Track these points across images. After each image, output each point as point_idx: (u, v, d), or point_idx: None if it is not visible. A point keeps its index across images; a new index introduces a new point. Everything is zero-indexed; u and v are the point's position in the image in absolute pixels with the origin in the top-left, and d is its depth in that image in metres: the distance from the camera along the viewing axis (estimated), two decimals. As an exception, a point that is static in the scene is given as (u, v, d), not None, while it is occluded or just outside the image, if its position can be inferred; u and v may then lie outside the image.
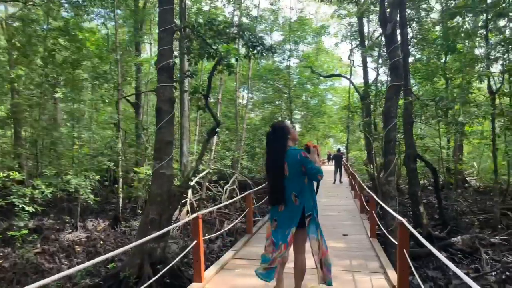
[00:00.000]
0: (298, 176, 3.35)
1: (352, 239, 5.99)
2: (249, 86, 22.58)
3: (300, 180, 3.35)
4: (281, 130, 3.47)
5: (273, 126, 3.56)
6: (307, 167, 3.28)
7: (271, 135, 3.50)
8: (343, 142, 36.02)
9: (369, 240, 5.76)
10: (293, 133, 3.53)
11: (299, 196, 3.36)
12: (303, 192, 3.37)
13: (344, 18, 25.51)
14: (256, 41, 8.16)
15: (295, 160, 3.32)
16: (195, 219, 3.90)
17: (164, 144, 7.86)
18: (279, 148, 3.41)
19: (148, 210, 8.01)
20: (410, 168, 11.12)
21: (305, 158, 3.31)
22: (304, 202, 3.37)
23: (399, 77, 8.00)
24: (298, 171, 3.33)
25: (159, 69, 7.96)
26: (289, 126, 3.54)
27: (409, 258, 3.43)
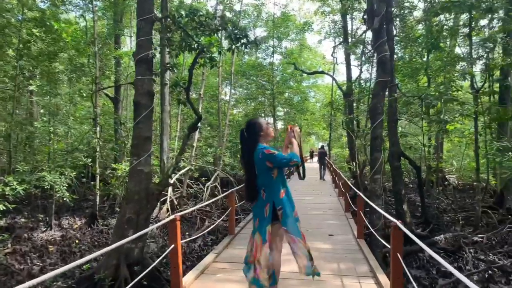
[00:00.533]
0: (265, 172, 3.31)
1: (339, 240, 5.76)
2: (232, 81, 22.19)
3: (268, 175, 3.31)
4: (253, 127, 3.41)
5: (247, 123, 3.50)
6: (274, 162, 3.23)
7: (245, 132, 3.45)
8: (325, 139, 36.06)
9: (356, 241, 5.54)
10: (267, 130, 3.45)
11: (266, 191, 3.33)
12: (270, 187, 3.32)
13: (328, 15, 25.39)
14: (240, 33, 7.84)
15: (258, 158, 3.30)
16: (173, 221, 3.57)
17: (142, 140, 7.48)
18: (250, 145, 3.37)
19: (124, 208, 7.62)
20: (394, 166, 11.00)
21: (268, 155, 3.24)
22: (272, 197, 3.32)
23: (386, 72, 7.82)
24: (265, 168, 3.29)
25: (137, 60, 7.56)
26: (262, 123, 3.45)
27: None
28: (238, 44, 8.16)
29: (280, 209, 3.30)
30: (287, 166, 3.29)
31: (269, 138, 3.48)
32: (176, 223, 3.56)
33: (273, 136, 3.54)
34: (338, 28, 24.35)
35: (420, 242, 3.06)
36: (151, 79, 7.69)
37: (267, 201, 3.32)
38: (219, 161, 18.73)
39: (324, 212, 8.40)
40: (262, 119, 3.56)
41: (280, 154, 3.25)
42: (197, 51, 7.07)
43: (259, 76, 25.05)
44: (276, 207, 3.31)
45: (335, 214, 8.15)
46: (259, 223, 3.37)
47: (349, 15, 21.98)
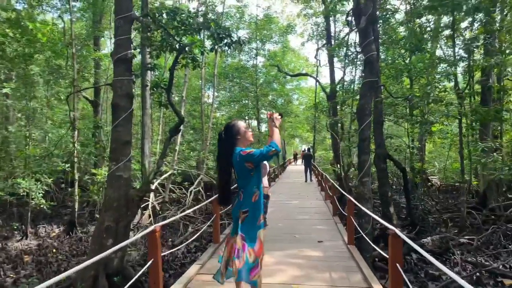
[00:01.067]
0: (246, 174, 3.17)
1: (329, 247, 5.53)
2: (215, 84, 21.86)
3: (247, 176, 3.18)
4: (231, 130, 3.28)
5: (225, 125, 3.37)
6: (254, 160, 3.09)
7: (222, 134, 3.32)
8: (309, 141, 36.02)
9: (347, 248, 5.31)
10: (245, 134, 3.31)
11: (244, 192, 3.21)
12: (247, 187, 3.19)
13: (311, 18, 25.33)
14: (223, 33, 7.57)
15: (236, 162, 3.17)
16: (152, 233, 3.25)
17: (121, 144, 7.12)
18: (227, 148, 3.26)
19: (103, 216, 7.25)
20: (380, 168, 10.87)
21: (245, 156, 3.10)
22: (245, 197, 3.19)
23: (374, 73, 7.67)
24: (245, 170, 3.15)
25: (115, 60, 7.22)
26: (240, 126, 3.30)
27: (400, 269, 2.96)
28: (221, 44, 7.91)
29: (246, 211, 3.15)
30: (268, 159, 3.15)
31: (248, 142, 3.35)
32: (155, 234, 3.25)
33: (252, 140, 3.39)
34: (321, 31, 24.31)
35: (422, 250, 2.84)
36: (131, 80, 7.35)
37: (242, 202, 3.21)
38: (202, 165, 18.37)
39: (311, 217, 8.18)
40: (241, 122, 3.41)
41: (257, 150, 3.11)
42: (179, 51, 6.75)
43: (242, 78, 24.79)
44: (242, 209, 3.17)
45: (323, 218, 7.93)
46: (233, 225, 3.26)
47: (332, 17, 21.93)
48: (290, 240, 6.04)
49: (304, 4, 23.47)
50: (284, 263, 4.76)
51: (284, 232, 6.63)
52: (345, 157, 18.58)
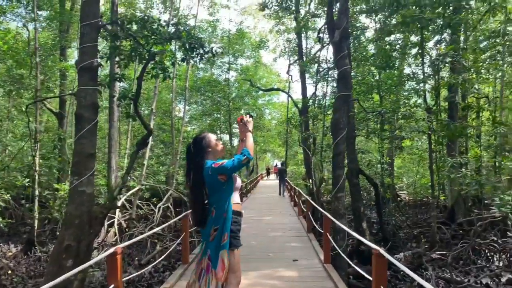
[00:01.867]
0: (218, 188, 2.96)
1: (304, 266, 5.28)
2: (187, 97, 21.50)
3: (219, 190, 2.96)
4: (200, 143, 3.09)
5: (194, 138, 3.21)
6: (227, 171, 2.88)
7: (191, 148, 3.12)
8: (281, 156, 36.00)
9: (324, 267, 5.08)
10: (216, 146, 3.11)
11: (216, 208, 2.96)
12: (219, 202, 2.95)
13: (283, 34, 25.59)
14: (195, 43, 7.34)
15: (208, 176, 2.94)
16: (112, 256, 2.90)
17: (84, 157, 6.68)
18: (197, 163, 3.03)
19: (63, 235, 6.73)
20: (352, 183, 10.81)
21: (217, 169, 2.90)
22: (221, 213, 2.93)
23: (348, 87, 7.62)
24: (218, 184, 2.94)
25: (80, 69, 6.83)
26: (211, 138, 3.11)
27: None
28: (193, 55, 7.67)
29: (217, 229, 2.90)
30: (241, 168, 2.93)
31: (218, 155, 3.14)
32: (116, 257, 2.89)
33: (223, 153, 3.19)
34: (293, 47, 24.54)
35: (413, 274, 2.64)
36: (96, 90, 6.97)
37: (214, 219, 2.95)
38: (172, 180, 17.85)
39: (285, 234, 7.92)
40: (211, 134, 3.20)
41: (229, 161, 2.89)
42: (147, 60, 6.44)
43: (214, 92, 24.56)
44: (215, 225, 2.91)
45: (297, 235, 7.69)
46: (205, 246, 2.98)
47: (304, 33, 22.19)
48: (264, 259, 5.76)
49: (276, 20, 23.65)
50: (259, 284, 4.48)
51: (257, 250, 6.35)
52: (317, 172, 18.58)
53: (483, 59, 13.10)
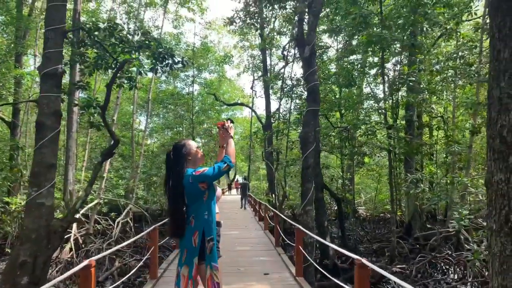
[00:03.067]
0: (198, 197, 2.89)
1: (276, 279, 5.21)
2: (149, 109, 21.10)
3: (200, 200, 2.89)
4: (180, 150, 3.01)
5: (174, 145, 3.10)
6: (208, 179, 2.83)
7: (171, 155, 3.05)
8: (243, 171, 35.95)
9: (296, 280, 5.05)
10: (196, 154, 3.05)
11: (195, 218, 2.89)
12: (200, 212, 2.88)
13: (247, 50, 25.89)
14: (165, 53, 7.24)
15: (188, 184, 2.88)
16: (86, 269, 2.72)
17: (44, 168, 6.36)
18: (176, 171, 2.95)
19: (18, 250, 6.30)
20: (317, 197, 10.93)
21: (198, 176, 2.84)
22: (202, 223, 2.86)
23: (316, 101, 7.78)
24: (198, 193, 2.87)
25: (43, 75, 6.54)
26: (190, 146, 3.04)
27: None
28: (162, 65, 7.56)
29: (211, 239, 2.83)
30: (222, 175, 2.89)
31: (199, 163, 3.08)
32: (90, 271, 2.71)
33: (203, 161, 3.13)
34: (257, 63, 24.84)
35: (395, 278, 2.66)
36: (59, 97, 6.69)
37: (196, 228, 2.86)
38: (131, 194, 17.28)
39: (253, 248, 7.83)
40: (191, 141, 3.13)
41: (210, 169, 2.85)
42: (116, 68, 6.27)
43: (178, 105, 24.29)
44: (206, 236, 2.83)
45: (265, 249, 7.62)
46: (187, 254, 2.87)
47: (268, 50, 22.53)
48: (235, 274, 5.65)
49: (241, 36, 23.91)
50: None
51: (227, 265, 6.21)
52: (279, 187, 18.69)
53: (437, 81, 13.84)
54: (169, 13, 22.77)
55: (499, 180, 3.11)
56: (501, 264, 3.06)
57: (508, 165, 3.04)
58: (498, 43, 3.21)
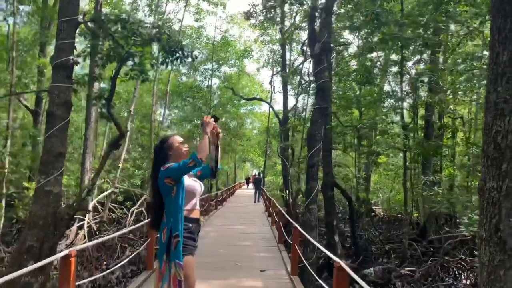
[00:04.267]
0: (166, 192, 2.86)
1: (271, 276, 5.20)
2: (167, 101, 21.31)
3: (168, 195, 2.86)
4: (161, 145, 3.03)
5: (160, 140, 3.17)
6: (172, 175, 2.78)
7: (157, 150, 3.06)
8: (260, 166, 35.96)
9: (290, 278, 5.03)
10: (177, 150, 2.99)
11: (166, 213, 2.89)
12: (169, 207, 2.86)
13: (267, 44, 25.76)
14: (175, 46, 7.28)
15: (159, 178, 2.87)
16: (66, 259, 2.78)
17: (53, 156, 6.52)
18: (157, 166, 2.95)
19: (25, 235, 6.51)
20: (327, 196, 10.86)
21: (164, 172, 2.82)
22: (170, 219, 2.82)
23: (325, 99, 7.68)
24: (165, 188, 2.84)
25: (55, 66, 6.70)
26: (173, 141, 3.02)
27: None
28: (173, 58, 7.61)
29: (176, 236, 2.77)
30: (187, 171, 2.80)
31: (182, 158, 2.98)
32: (70, 260, 2.77)
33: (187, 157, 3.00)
34: (276, 58, 24.69)
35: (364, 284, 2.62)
36: (70, 87, 6.82)
37: (165, 223, 2.86)
38: (147, 185, 17.55)
39: (256, 243, 7.83)
40: (176, 136, 3.11)
41: (176, 164, 2.80)
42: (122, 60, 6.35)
43: (196, 98, 24.43)
44: (173, 233, 2.79)
45: (267, 245, 7.61)
46: (159, 249, 2.90)
47: (288, 45, 22.37)
48: (231, 268, 5.67)
49: (262, 31, 23.80)
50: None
51: (225, 259, 6.25)
52: (294, 183, 18.61)
53: (461, 81, 13.44)
54: (190, 6, 22.87)
55: (491, 187, 2.99)
56: (488, 274, 2.95)
57: (501, 173, 2.93)
58: (497, 45, 3.08)
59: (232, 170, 39.35)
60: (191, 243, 2.77)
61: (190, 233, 2.78)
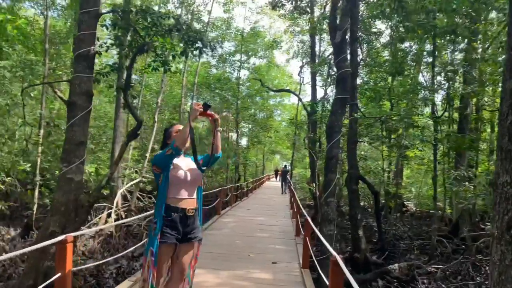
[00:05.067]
0: (156, 179, 2.88)
1: (281, 269, 5.11)
2: (195, 93, 21.51)
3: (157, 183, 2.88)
4: (164, 133, 3.06)
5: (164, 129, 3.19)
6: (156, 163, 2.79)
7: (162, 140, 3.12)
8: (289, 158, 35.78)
9: (300, 271, 4.94)
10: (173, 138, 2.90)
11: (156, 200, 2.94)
12: (158, 193, 2.87)
13: (297, 35, 25.39)
14: (194, 36, 7.26)
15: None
16: (61, 244, 2.81)
17: (74, 145, 6.68)
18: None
19: (48, 221, 6.75)
20: (351, 189, 10.61)
21: (153, 158, 2.89)
22: (157, 205, 2.86)
23: (345, 90, 7.44)
24: (155, 175, 2.87)
25: (76, 56, 6.86)
26: (172, 129, 3.00)
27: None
28: (192, 48, 7.60)
29: (154, 223, 2.76)
30: (167, 159, 2.72)
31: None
32: (65, 245, 2.80)
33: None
34: (306, 48, 24.32)
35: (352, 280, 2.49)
36: (91, 77, 6.96)
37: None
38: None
39: (273, 235, 7.75)
40: (176, 126, 3.03)
41: (162, 151, 2.78)
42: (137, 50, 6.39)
43: (224, 90, 24.51)
44: (153, 219, 2.80)
45: (285, 238, 7.52)
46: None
47: (318, 36, 21.94)
48: (243, 259, 5.63)
49: (291, 21, 23.47)
50: (228, 284, 4.35)
51: (239, 250, 6.22)
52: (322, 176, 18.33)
53: (499, 72, 12.71)
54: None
55: (504, 182, 2.78)
56: (499, 273, 2.75)
57: (515, 166, 2.70)
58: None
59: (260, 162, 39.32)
60: (169, 231, 2.71)
61: (172, 222, 2.72)
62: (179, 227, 2.73)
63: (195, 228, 2.88)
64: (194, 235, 2.86)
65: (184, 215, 2.76)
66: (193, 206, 2.85)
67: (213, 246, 6.35)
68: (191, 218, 2.82)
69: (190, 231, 2.84)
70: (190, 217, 2.79)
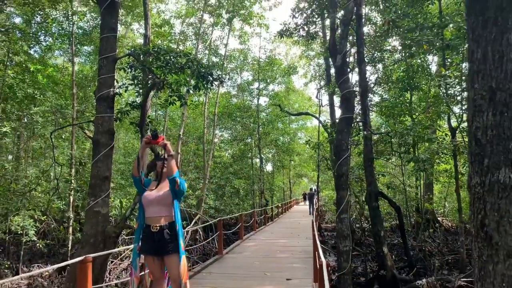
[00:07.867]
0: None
1: (294, 284, 5.32)
2: (216, 122, 22.21)
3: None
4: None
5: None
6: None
7: None
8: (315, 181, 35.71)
9: (312, 285, 5.13)
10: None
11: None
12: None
13: (313, 59, 25.93)
14: (205, 71, 7.79)
15: None
16: (83, 263, 3.19)
17: (100, 180, 7.19)
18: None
19: (79, 252, 7.19)
20: (371, 206, 10.66)
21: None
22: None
23: (350, 109, 7.71)
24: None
25: (98, 98, 7.46)
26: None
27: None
28: (204, 82, 8.13)
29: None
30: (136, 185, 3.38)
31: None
32: (86, 265, 3.18)
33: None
34: (322, 71, 24.74)
35: None
36: (112, 117, 7.53)
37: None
38: (201, 204, 18.26)
39: (292, 255, 7.94)
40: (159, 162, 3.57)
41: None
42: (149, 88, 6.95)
43: (244, 117, 25.12)
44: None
45: (304, 257, 7.66)
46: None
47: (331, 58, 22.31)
48: (259, 278, 5.87)
49: (306, 46, 24.08)
50: None
51: (256, 270, 6.46)
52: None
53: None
54: (235, 31, 23.77)
55: (475, 183, 3.01)
56: (479, 269, 2.94)
57: (483, 168, 2.94)
58: (471, 43, 3.12)
59: (287, 187, 39.36)
60: (143, 244, 3.17)
61: (145, 236, 3.17)
62: (150, 241, 3.14)
63: (166, 242, 3.17)
64: (166, 248, 3.16)
65: (149, 231, 3.15)
66: (158, 223, 3.18)
67: (232, 268, 6.62)
68: (157, 234, 3.16)
69: (161, 245, 3.17)
70: (156, 233, 3.15)
